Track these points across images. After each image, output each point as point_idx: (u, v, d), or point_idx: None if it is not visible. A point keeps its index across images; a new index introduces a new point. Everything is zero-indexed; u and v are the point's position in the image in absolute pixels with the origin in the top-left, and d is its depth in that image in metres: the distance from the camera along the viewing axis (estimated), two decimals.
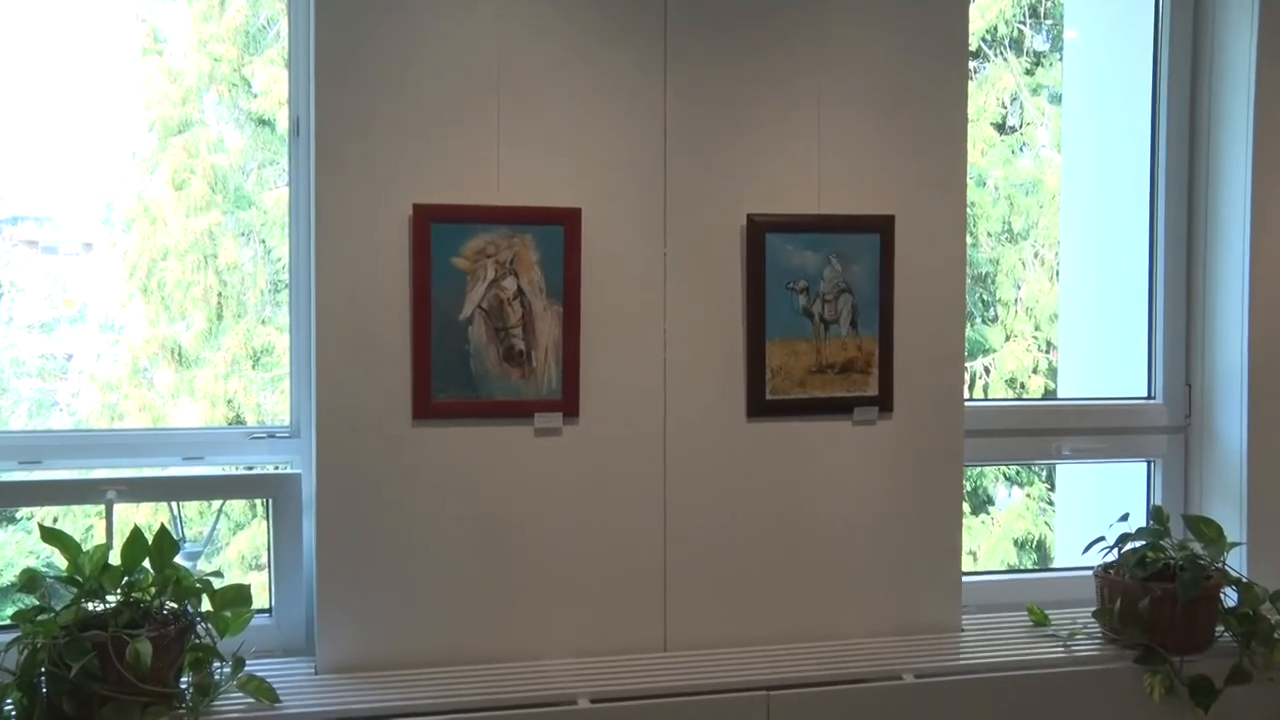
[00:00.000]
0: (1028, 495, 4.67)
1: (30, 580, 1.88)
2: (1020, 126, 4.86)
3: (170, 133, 4.21)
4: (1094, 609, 2.34)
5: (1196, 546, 2.29)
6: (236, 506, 3.95)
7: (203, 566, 2.92)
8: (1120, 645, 2.26)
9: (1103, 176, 2.88)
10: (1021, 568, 4.49)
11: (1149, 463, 2.72)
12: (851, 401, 2.29)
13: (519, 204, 2.11)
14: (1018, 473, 4.68)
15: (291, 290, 2.28)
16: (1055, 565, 3.61)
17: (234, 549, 3.94)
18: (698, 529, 2.25)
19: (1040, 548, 4.56)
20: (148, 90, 4.25)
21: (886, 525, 2.34)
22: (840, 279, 2.28)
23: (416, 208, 2.07)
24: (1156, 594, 2.22)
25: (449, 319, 2.09)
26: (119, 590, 1.88)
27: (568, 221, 2.13)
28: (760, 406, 2.25)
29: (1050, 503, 4.56)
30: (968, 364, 4.23)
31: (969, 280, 3.81)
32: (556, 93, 2.15)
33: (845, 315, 2.28)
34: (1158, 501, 2.66)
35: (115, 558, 1.91)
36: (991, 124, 4.72)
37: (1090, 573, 2.38)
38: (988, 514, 4.65)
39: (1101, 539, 2.36)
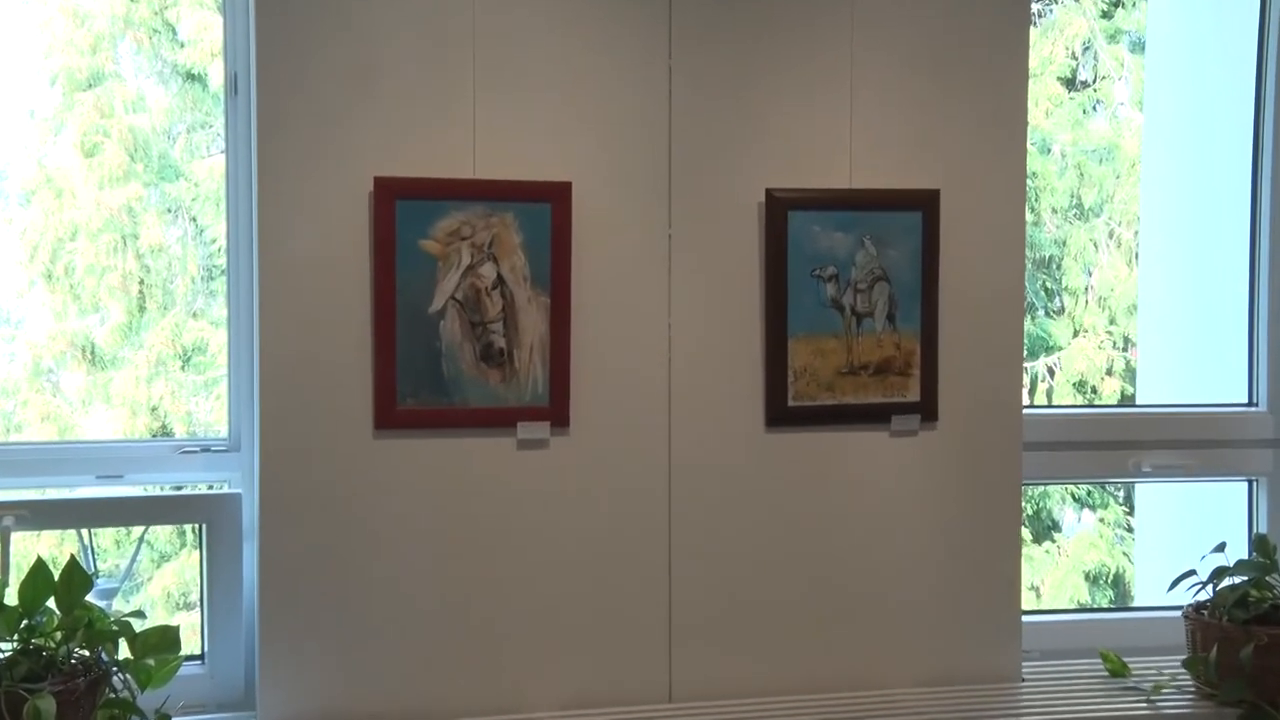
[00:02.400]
0: (1101, 520, 4.72)
1: None
2: (1094, 81, 4.88)
3: (78, 87, 4.23)
4: (1184, 657, 2.36)
5: None
6: (162, 534, 3.99)
7: (120, 606, 2.96)
8: (1218, 701, 2.26)
9: (1193, 139, 2.87)
10: (1094, 606, 4.54)
11: (1250, 482, 2.74)
12: (889, 408, 2.34)
13: (499, 177, 2.16)
14: (1089, 493, 4.72)
15: (229, 278, 2.32)
16: (1135, 604, 3.66)
17: (158, 585, 3.98)
18: (708, 558, 2.30)
19: (1117, 583, 4.60)
20: (48, 35, 4.27)
21: (931, 555, 2.39)
22: (875, 265, 2.33)
23: (378, 181, 2.12)
24: (1262, 640, 2.21)
25: (417, 312, 2.14)
26: (16, 636, 1.90)
27: (556, 198, 2.18)
28: (781, 414, 2.30)
29: (1129, 529, 4.60)
30: (1028, 364, 4.28)
31: (1029, 265, 3.83)
32: (542, 46, 2.20)
33: (881, 307, 2.33)
34: (1262, 529, 2.68)
35: (12, 597, 1.92)
36: (1058, 79, 4.75)
37: (1179, 614, 2.41)
38: (1053, 542, 4.70)
39: (1192, 573, 2.38)
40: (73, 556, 1.95)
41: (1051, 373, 4.64)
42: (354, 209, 2.12)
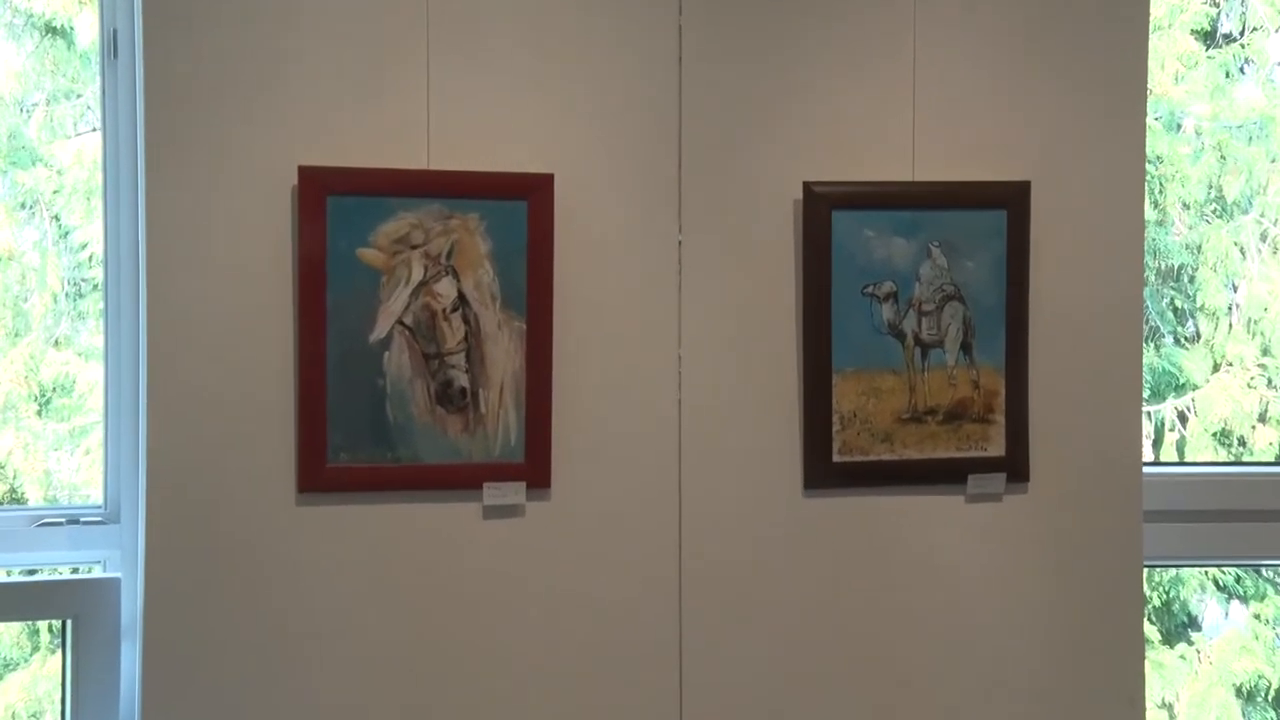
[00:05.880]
0: (1255, 616, 4.70)
1: None
2: (1241, 34, 4.90)
3: None
4: None
5: None
6: (7, 634, 4.02)
7: None
8: None
9: None
10: None
11: None
12: (965, 465, 2.41)
13: (460, 168, 2.24)
14: (1238, 579, 4.70)
15: (106, 295, 2.41)
16: None
17: (0, 702, 3.99)
18: (730, 663, 2.37)
19: None
20: None
21: (1024, 660, 2.46)
22: (946, 279, 2.41)
23: (304, 172, 2.19)
24: None
25: (354, 341, 2.21)
26: None
27: (534, 194, 2.26)
28: (824, 473, 2.37)
29: None
30: (1150, 408, 4.28)
31: (1151, 278, 3.82)
32: (517, 2, 2.29)
33: (954, 334, 2.41)
34: None
35: None
36: (1192, 32, 4.76)
37: None
38: (1190, 644, 4.69)
39: None
40: None
41: (1183, 419, 4.62)
42: (272, 207, 2.20)
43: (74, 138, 3.50)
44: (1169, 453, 4.56)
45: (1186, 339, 4.63)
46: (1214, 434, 4.53)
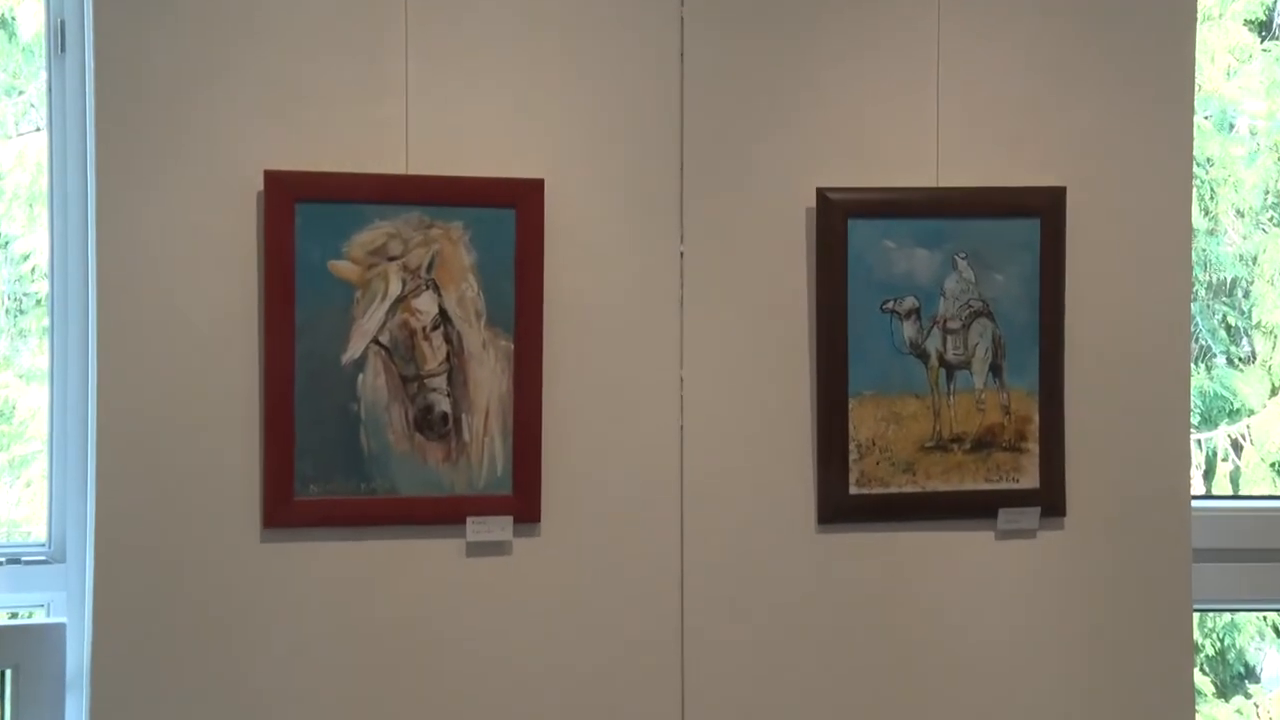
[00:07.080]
0: None
1: None
2: None
3: None
4: None
5: None
6: None
7: None
8: None
9: None
10: None
11: None
12: (995, 498, 2.43)
13: (441, 172, 2.26)
14: None
15: (52, 312, 2.43)
16: None
17: None
18: (738, 711, 2.38)
19: None
20: None
21: (1062, 711, 2.47)
22: (974, 294, 2.43)
23: (270, 177, 2.21)
24: None
25: (325, 362, 2.23)
26: None
27: (522, 201, 2.28)
28: (840, 506, 2.39)
29: None
30: (1201, 435, 4.30)
31: (1201, 292, 3.84)
32: None
33: (982, 354, 2.43)
34: None
35: None
36: (1245, 22, 4.79)
37: None
38: (1247, 698, 4.70)
39: None
40: None
41: (1238, 448, 4.61)
42: (236, 216, 2.22)
43: (15, 138, 3.51)
44: (1222, 485, 4.57)
45: (1241, 359, 4.63)
46: (1272, 464, 4.55)
